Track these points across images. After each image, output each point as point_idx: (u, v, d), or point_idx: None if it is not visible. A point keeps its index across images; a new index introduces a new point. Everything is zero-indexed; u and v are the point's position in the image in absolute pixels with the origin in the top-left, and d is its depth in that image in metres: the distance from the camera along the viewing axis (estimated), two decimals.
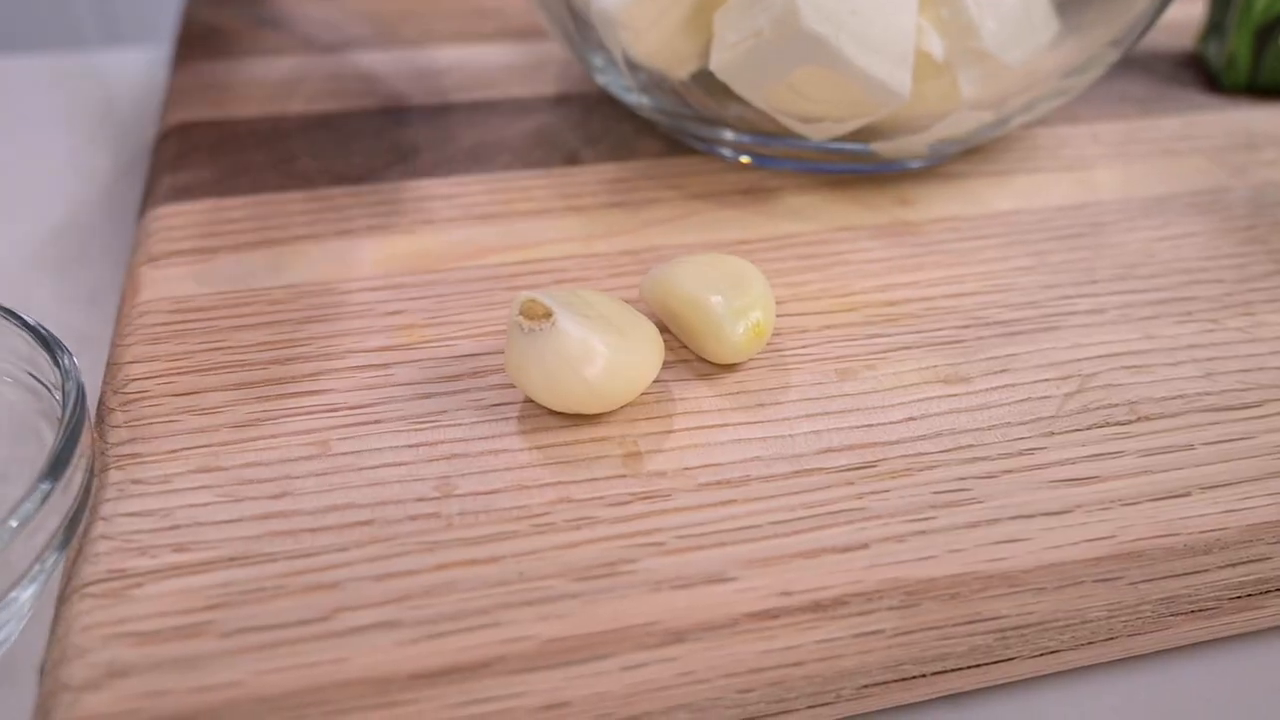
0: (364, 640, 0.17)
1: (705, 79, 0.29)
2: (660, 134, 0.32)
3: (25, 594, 0.18)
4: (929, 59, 0.27)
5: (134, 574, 0.18)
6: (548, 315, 0.21)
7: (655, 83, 0.30)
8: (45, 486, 0.18)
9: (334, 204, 0.29)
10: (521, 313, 0.21)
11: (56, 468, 0.18)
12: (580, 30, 0.30)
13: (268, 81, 0.35)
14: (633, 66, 0.29)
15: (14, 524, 0.17)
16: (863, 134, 0.29)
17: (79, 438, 0.19)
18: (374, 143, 0.32)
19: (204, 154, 0.31)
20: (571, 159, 0.31)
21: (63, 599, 0.18)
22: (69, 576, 0.19)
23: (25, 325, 0.21)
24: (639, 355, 0.21)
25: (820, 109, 0.28)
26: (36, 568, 0.18)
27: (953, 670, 0.19)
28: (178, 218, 0.28)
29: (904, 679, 0.19)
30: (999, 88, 0.28)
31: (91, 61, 0.41)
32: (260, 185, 0.29)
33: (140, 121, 0.39)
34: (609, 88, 0.32)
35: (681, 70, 0.29)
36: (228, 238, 0.27)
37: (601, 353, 0.21)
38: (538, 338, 0.21)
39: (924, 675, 0.19)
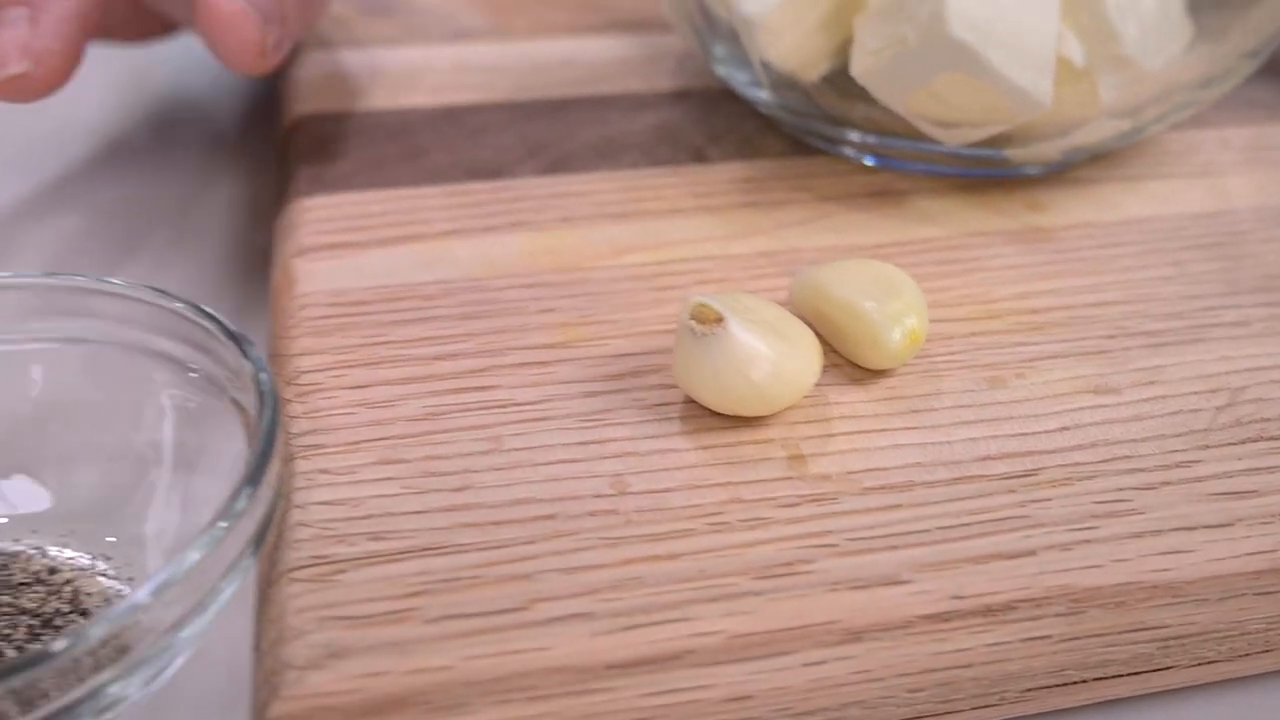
0: (562, 630, 0.19)
1: (834, 80, 0.31)
2: (782, 132, 0.34)
3: (231, 587, 0.20)
4: (1068, 65, 0.28)
5: (336, 560, 0.20)
6: (719, 320, 0.22)
7: (784, 82, 0.31)
8: (250, 487, 0.19)
9: (472, 199, 0.30)
10: (693, 317, 0.22)
11: (259, 465, 0.20)
12: (707, 23, 0.32)
13: (389, 72, 0.37)
14: (765, 67, 0.30)
15: (224, 525, 0.19)
16: (997, 139, 0.30)
17: (277, 434, 0.20)
18: (501, 137, 0.33)
19: (336, 147, 0.33)
20: (698, 156, 0.33)
21: (269, 583, 0.20)
22: (272, 562, 0.20)
23: (206, 315, 0.23)
24: (801, 360, 0.23)
25: (958, 115, 0.29)
26: (244, 561, 0.20)
27: (1113, 677, 0.21)
28: (321, 210, 0.30)
29: (1065, 684, 0.20)
30: (1137, 95, 0.29)
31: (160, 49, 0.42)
32: (396, 179, 0.31)
33: (220, 108, 0.40)
34: (730, 81, 0.33)
35: (812, 71, 0.31)
36: (373, 232, 0.29)
37: (768, 357, 0.22)
38: (708, 342, 0.22)
39: (1084, 681, 0.20)
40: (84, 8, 0.27)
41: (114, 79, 0.42)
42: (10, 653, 0.21)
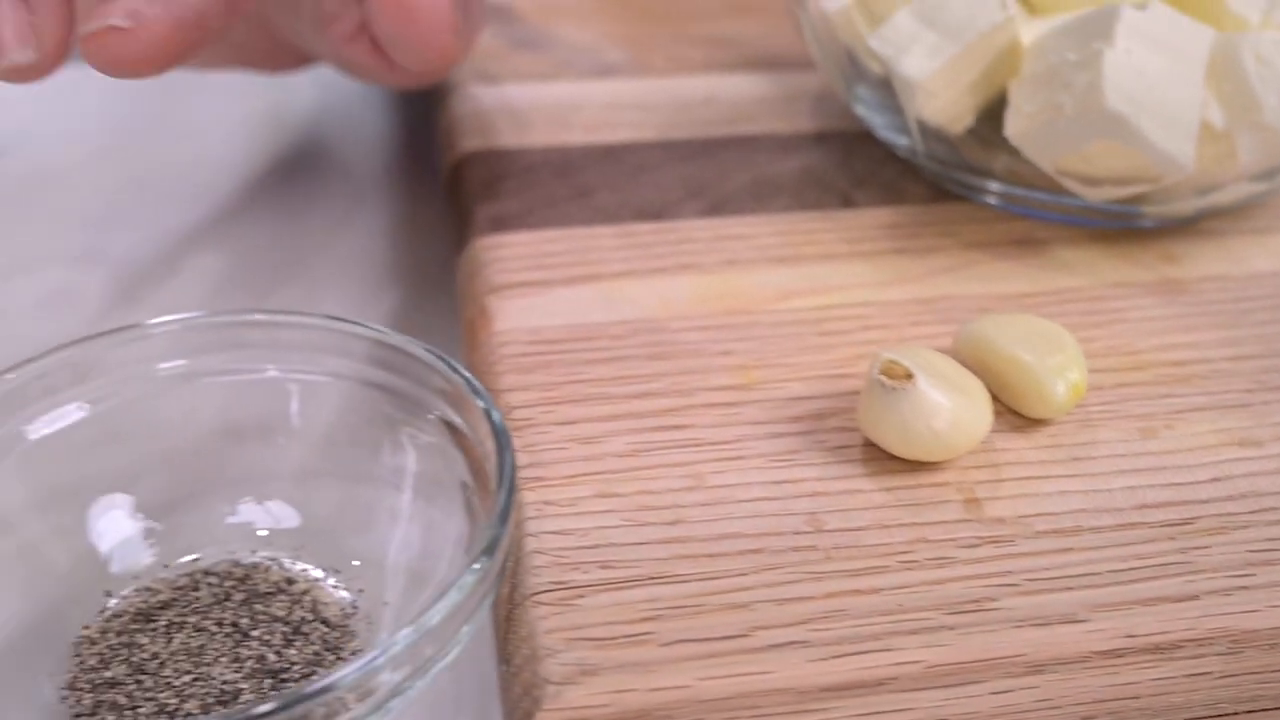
0: (780, 656, 0.21)
1: (978, 132, 0.33)
2: (922, 176, 0.36)
3: (469, 628, 0.22)
4: (1209, 128, 0.30)
5: (574, 586, 0.23)
6: (908, 376, 0.25)
7: (931, 134, 0.33)
8: (500, 525, 0.22)
9: (640, 241, 0.33)
10: (883, 372, 0.25)
11: (506, 504, 0.22)
12: (853, 70, 0.34)
13: (543, 108, 0.39)
14: (918, 122, 0.33)
15: (477, 567, 0.21)
16: (1135, 197, 0.32)
17: (515, 474, 0.23)
18: (659, 176, 0.36)
19: (506, 184, 0.35)
20: (845, 201, 0.35)
21: (513, 605, 0.23)
22: (513, 586, 0.23)
23: (441, 359, 0.25)
24: (977, 412, 0.25)
25: (1103, 175, 0.31)
26: (484, 604, 0.22)
27: (1261, 710, 0.23)
28: (504, 249, 0.32)
29: (1219, 715, 0.23)
30: (1274, 158, 0.31)
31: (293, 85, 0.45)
32: (568, 219, 0.34)
33: (354, 143, 0.43)
34: (870, 123, 0.35)
35: (959, 125, 0.33)
36: (555, 271, 0.31)
37: (949, 410, 0.25)
38: (898, 395, 0.25)
39: (1236, 714, 0.23)
40: (205, 13, 0.26)
41: (247, 115, 0.45)
42: (271, 656, 0.24)
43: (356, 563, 0.26)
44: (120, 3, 0.25)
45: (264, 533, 0.26)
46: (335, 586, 0.26)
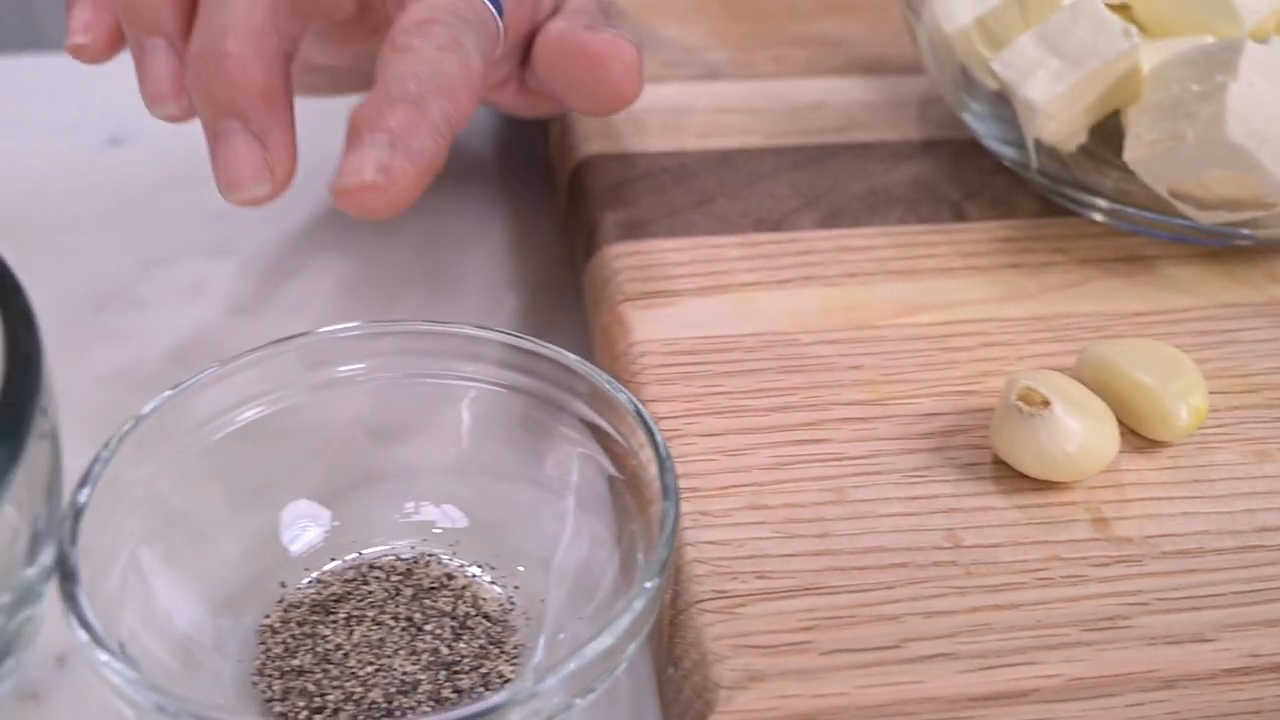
0: (931, 667, 0.23)
1: (1090, 150, 0.34)
2: (1029, 189, 0.37)
3: (637, 643, 0.24)
4: None
5: (734, 595, 0.24)
6: (1045, 403, 0.26)
7: (1043, 150, 0.35)
8: (666, 551, 0.24)
9: (763, 251, 0.34)
10: (1020, 397, 0.26)
11: (674, 518, 0.24)
12: (965, 82, 0.35)
13: (655, 111, 0.41)
14: (1035, 142, 0.34)
15: (649, 585, 0.23)
16: (1246, 219, 0.33)
17: (678, 491, 0.25)
18: (774, 185, 0.37)
19: (627, 191, 0.37)
20: (958, 214, 0.36)
21: (678, 611, 0.25)
22: (676, 594, 0.25)
23: (604, 377, 0.27)
24: (1106, 436, 0.27)
25: (1217, 200, 0.32)
26: (652, 620, 0.24)
27: None
28: (633, 258, 0.34)
29: None
30: None
31: None
32: (692, 227, 0.35)
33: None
34: (978, 132, 0.36)
35: (1072, 143, 0.34)
36: (685, 281, 0.33)
37: (1082, 434, 0.26)
38: (1034, 420, 0.26)
39: None
40: (437, 153, 0.27)
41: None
42: (444, 650, 0.26)
43: (510, 560, 0.28)
44: (368, 155, 0.26)
45: (433, 530, 0.28)
46: (491, 583, 0.28)
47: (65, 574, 0.23)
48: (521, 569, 0.28)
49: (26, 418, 0.20)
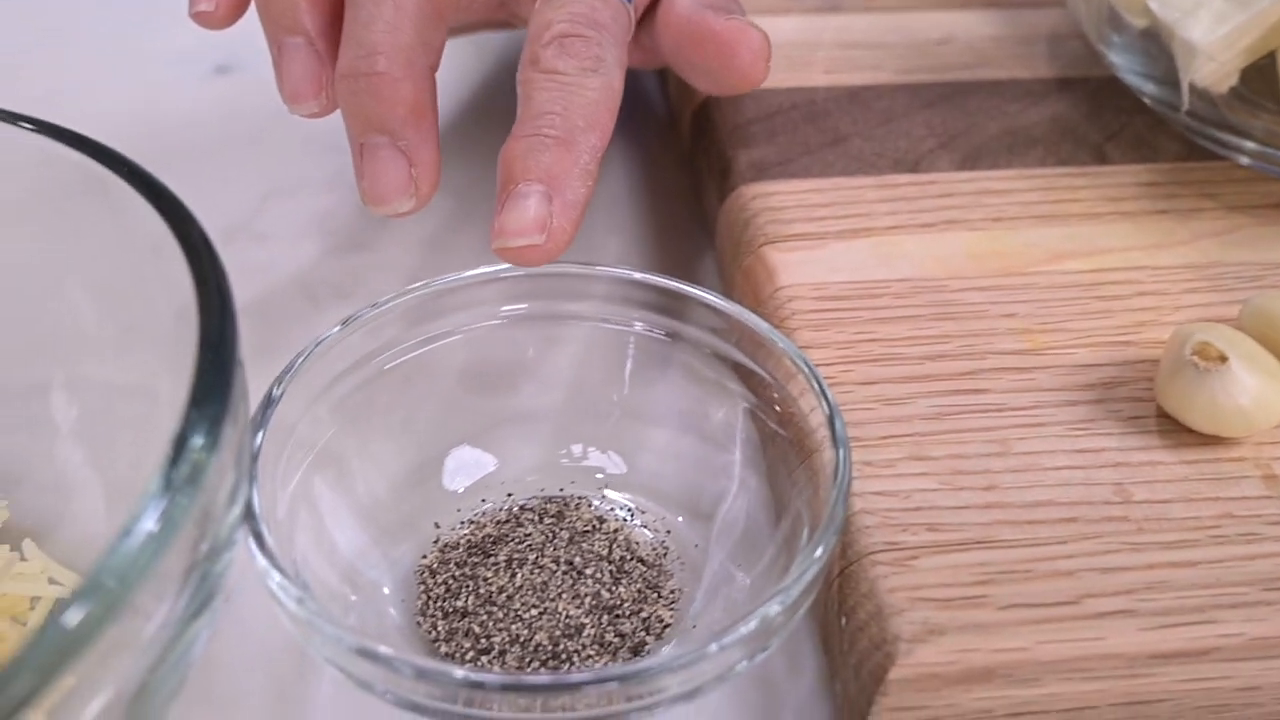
0: (1111, 624, 0.23)
1: (1241, 92, 0.33)
2: (1171, 131, 0.36)
3: (809, 603, 0.24)
4: None
5: (905, 547, 0.25)
6: (1222, 358, 0.26)
7: (1195, 91, 0.34)
8: (841, 511, 0.23)
9: (903, 194, 0.34)
10: (1195, 352, 0.26)
11: (846, 470, 0.24)
12: (1111, 21, 0.35)
13: (780, 45, 0.39)
14: (1190, 84, 0.33)
15: (819, 554, 0.23)
16: None
17: (851, 459, 0.24)
18: (907, 124, 0.37)
19: (758, 128, 0.36)
20: (1099, 156, 0.36)
21: (848, 562, 0.25)
22: (845, 545, 0.25)
23: (769, 327, 0.27)
24: (1278, 391, 0.26)
25: None
26: (819, 585, 0.24)
27: None
28: (770, 199, 0.34)
29: None
30: None
31: None
32: (828, 167, 0.35)
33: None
34: (1120, 70, 0.36)
35: (1224, 85, 0.33)
36: (826, 224, 0.33)
37: (1258, 390, 0.26)
38: (1209, 376, 0.26)
39: None
40: (588, 195, 0.28)
41: (483, 54, 0.46)
42: (605, 594, 0.26)
43: (664, 506, 0.28)
44: (528, 212, 0.26)
45: (591, 474, 0.28)
46: (642, 527, 0.28)
47: (248, 512, 0.23)
48: (681, 519, 0.28)
49: (236, 360, 0.20)
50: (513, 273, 0.28)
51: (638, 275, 0.28)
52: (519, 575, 0.27)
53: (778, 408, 0.27)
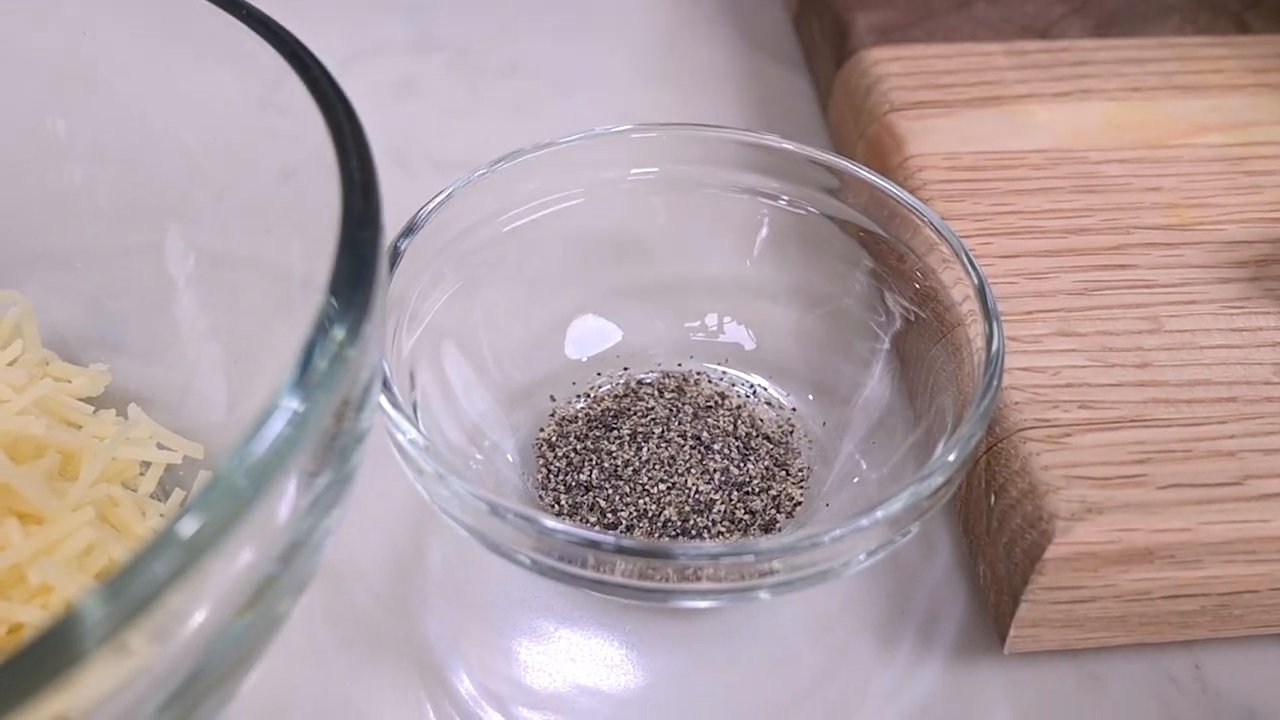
0: (1276, 506, 0.23)
1: None
2: None
3: (956, 484, 0.23)
4: None
5: (1058, 424, 0.24)
6: None
7: None
8: (993, 391, 0.23)
9: (1034, 61, 0.33)
10: None
11: (999, 344, 0.23)
12: None
13: None
14: None
15: (971, 438, 0.22)
16: None
17: (1003, 333, 0.24)
18: None
19: None
20: (1240, 25, 0.34)
21: (997, 439, 0.24)
22: (994, 422, 0.25)
23: (905, 192, 0.26)
24: None
25: None
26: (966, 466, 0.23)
27: None
28: (891, 64, 0.33)
29: None
30: None
31: None
32: (953, 32, 0.34)
33: None
34: None
35: None
36: (954, 91, 0.32)
37: None
38: None
39: None
40: None
41: None
42: (733, 470, 0.26)
43: (790, 383, 0.28)
44: None
45: (721, 348, 0.28)
46: (765, 404, 0.28)
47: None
48: (811, 398, 0.28)
49: (381, 245, 0.19)
50: (643, 133, 0.27)
51: (771, 140, 0.27)
52: (644, 449, 0.26)
53: (916, 283, 0.26)
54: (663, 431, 0.27)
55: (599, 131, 0.27)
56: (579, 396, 0.28)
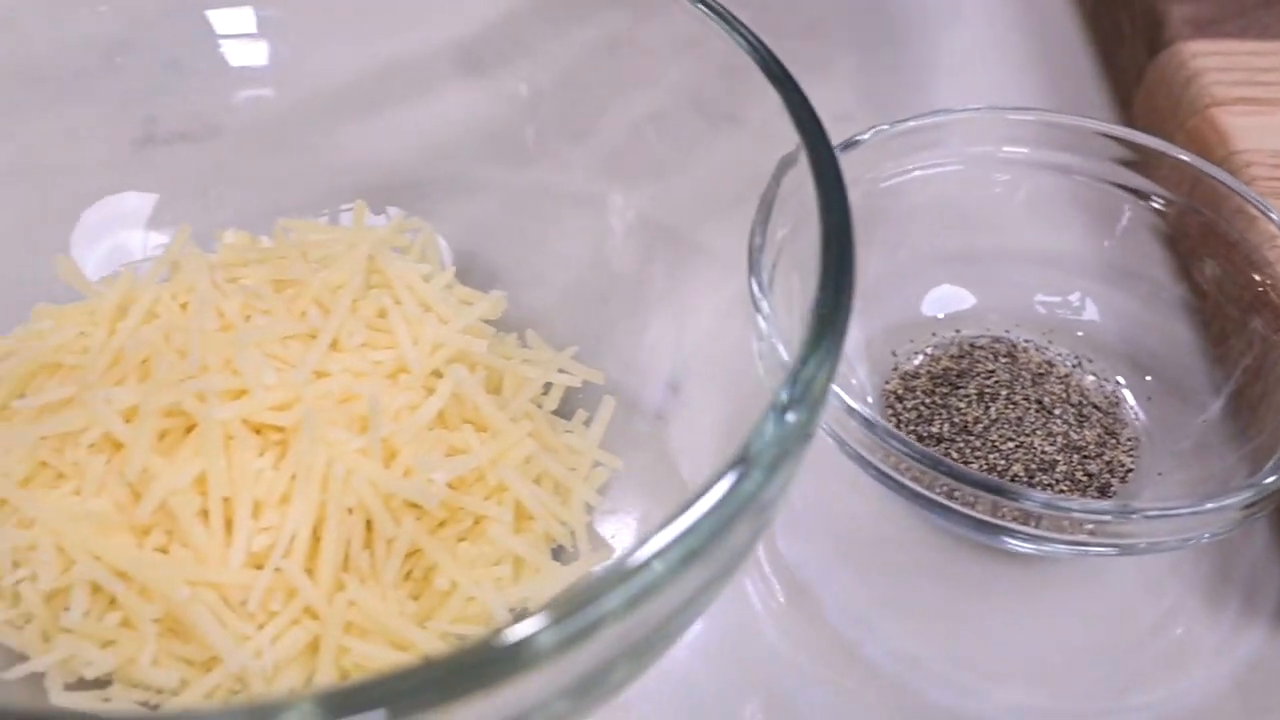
0: None
1: None
2: None
3: None
4: None
5: None
6: None
7: None
8: None
9: None
10: None
11: None
12: None
13: None
14: None
15: None
16: None
17: None
18: None
19: None
20: None
21: None
22: None
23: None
24: None
25: None
26: None
27: None
28: (1211, 58, 0.34)
29: None
30: None
31: None
32: (1265, 30, 0.35)
33: None
34: None
35: None
36: (1274, 89, 0.34)
37: None
38: None
39: None
40: None
41: None
42: (1073, 435, 0.29)
43: (1107, 358, 0.30)
44: None
45: (1066, 320, 0.31)
46: (1091, 375, 0.30)
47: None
48: (1149, 379, 0.30)
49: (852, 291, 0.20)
50: (1021, 116, 0.29)
51: (1140, 137, 0.29)
52: (992, 409, 0.29)
53: (1256, 274, 0.29)
54: (1008, 394, 0.29)
55: (977, 108, 0.29)
56: (918, 354, 0.31)
